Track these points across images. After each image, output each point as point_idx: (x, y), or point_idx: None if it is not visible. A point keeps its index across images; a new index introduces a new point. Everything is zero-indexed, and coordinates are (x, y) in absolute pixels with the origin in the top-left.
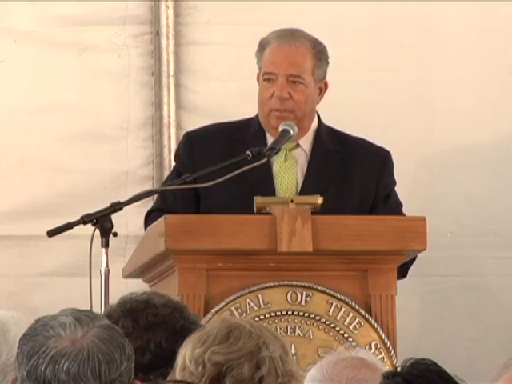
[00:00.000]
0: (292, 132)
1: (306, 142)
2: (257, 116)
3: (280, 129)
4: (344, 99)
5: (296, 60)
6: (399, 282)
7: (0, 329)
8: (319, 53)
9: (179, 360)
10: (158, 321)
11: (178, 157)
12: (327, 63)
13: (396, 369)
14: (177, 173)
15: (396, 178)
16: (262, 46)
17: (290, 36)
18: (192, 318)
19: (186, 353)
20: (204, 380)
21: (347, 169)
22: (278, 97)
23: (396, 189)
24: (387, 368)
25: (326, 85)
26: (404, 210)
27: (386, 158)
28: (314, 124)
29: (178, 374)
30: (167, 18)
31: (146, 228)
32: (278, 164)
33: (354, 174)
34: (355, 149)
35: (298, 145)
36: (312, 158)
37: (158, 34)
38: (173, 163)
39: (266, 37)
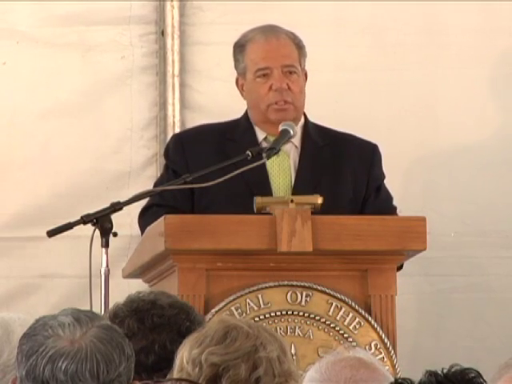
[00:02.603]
0: (292, 132)
1: (296, 136)
2: (244, 115)
3: (280, 129)
4: (347, 99)
5: (286, 51)
6: (402, 282)
7: (5, 329)
8: (300, 43)
9: (177, 361)
10: (163, 322)
11: (168, 157)
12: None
13: (442, 370)
14: (172, 172)
15: (399, 177)
16: (242, 46)
17: (272, 30)
18: (198, 319)
19: (183, 354)
20: (201, 381)
21: (338, 162)
22: (277, 89)
23: (399, 188)
24: (387, 368)
25: (306, 75)
26: (407, 209)
27: (374, 150)
28: (302, 119)
29: (175, 374)
30: (172, 18)
31: (139, 223)
32: (271, 159)
33: (344, 167)
34: (343, 143)
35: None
36: (303, 152)
37: (162, 33)
38: None
39: (243, 37)
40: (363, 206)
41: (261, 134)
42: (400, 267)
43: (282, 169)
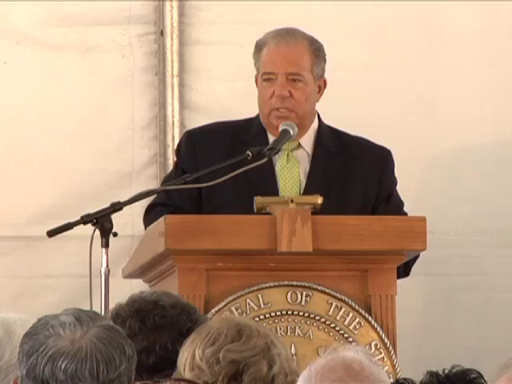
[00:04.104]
0: (292, 132)
1: (308, 142)
2: (258, 116)
3: (280, 129)
4: (347, 98)
5: (294, 58)
6: (403, 282)
7: (5, 330)
8: (317, 50)
9: (185, 360)
10: (164, 322)
11: (179, 155)
12: (325, 61)
13: (444, 370)
14: (181, 171)
15: (400, 177)
16: (259, 47)
17: (287, 35)
18: (201, 319)
19: (195, 352)
20: (221, 378)
21: (349, 169)
22: (278, 96)
23: (400, 188)
24: (386, 368)
25: (324, 82)
26: (408, 209)
27: (387, 157)
28: (315, 124)
29: (187, 373)
30: (171, 18)
31: (144, 221)
32: (281, 165)
33: (355, 175)
34: (356, 148)
35: (299, 145)
36: (314, 158)
37: (162, 33)
38: None
39: (262, 38)
40: (372, 214)
41: (272, 137)
42: (407, 274)
43: (290, 174)
